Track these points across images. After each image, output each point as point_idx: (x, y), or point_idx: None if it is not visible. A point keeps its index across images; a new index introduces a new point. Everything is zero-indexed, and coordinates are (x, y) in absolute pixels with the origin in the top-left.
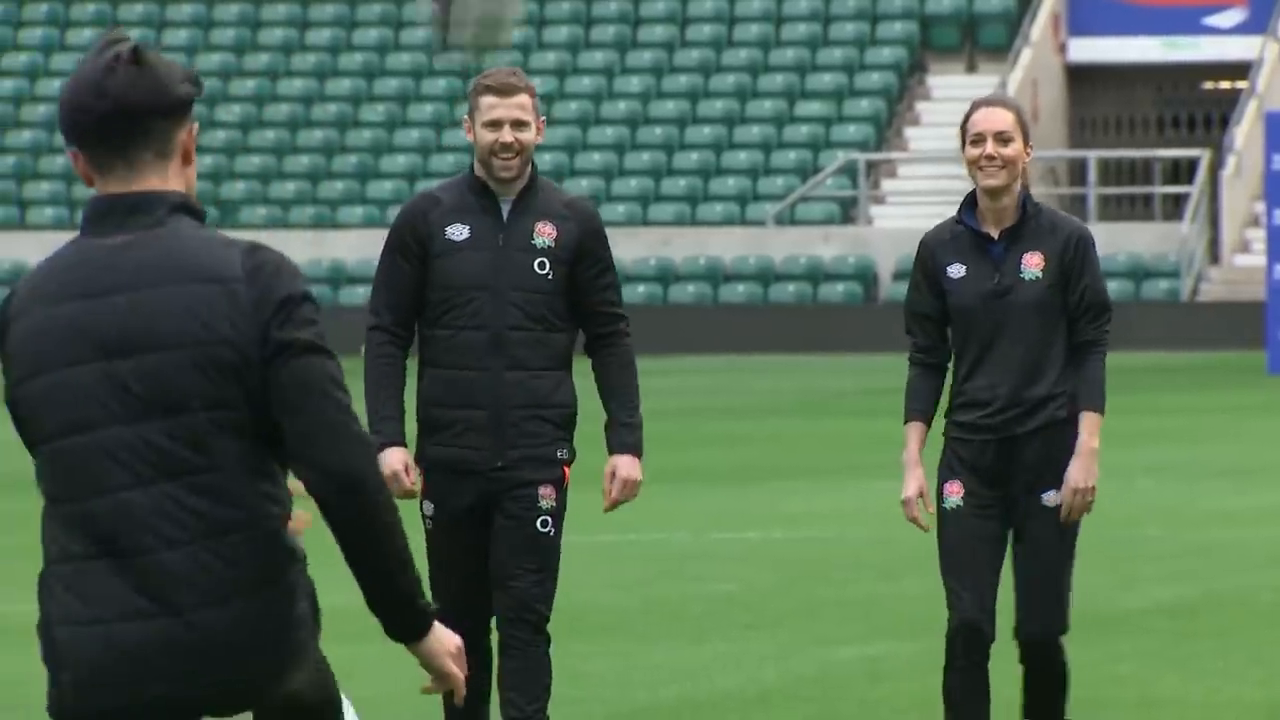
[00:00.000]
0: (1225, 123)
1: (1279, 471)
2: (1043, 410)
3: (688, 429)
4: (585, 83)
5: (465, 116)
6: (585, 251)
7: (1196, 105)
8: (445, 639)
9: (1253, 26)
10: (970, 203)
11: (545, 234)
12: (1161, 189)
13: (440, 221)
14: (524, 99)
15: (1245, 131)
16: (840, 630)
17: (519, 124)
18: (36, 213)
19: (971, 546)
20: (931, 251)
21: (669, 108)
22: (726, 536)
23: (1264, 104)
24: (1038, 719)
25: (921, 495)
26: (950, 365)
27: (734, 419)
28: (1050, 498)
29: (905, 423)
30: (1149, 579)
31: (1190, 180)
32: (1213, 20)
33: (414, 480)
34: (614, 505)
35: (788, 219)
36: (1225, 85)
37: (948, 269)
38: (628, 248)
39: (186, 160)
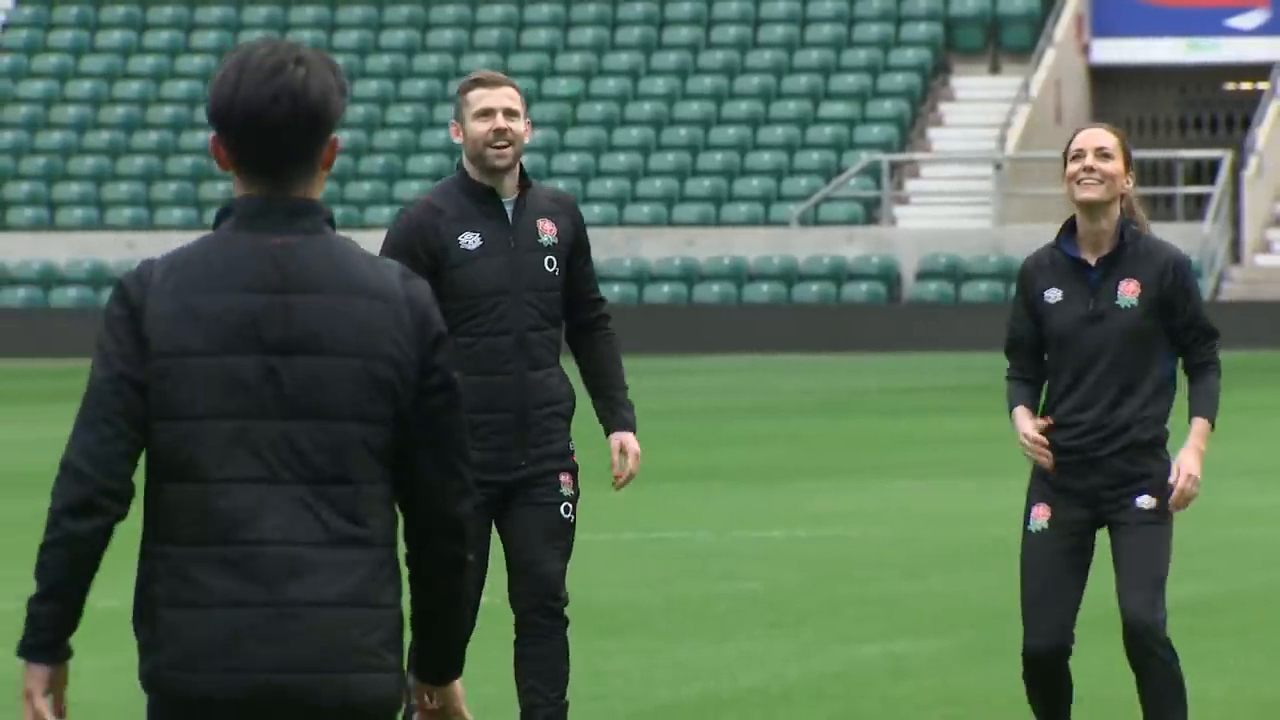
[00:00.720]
0: (1247, 123)
1: None
2: (1125, 433)
3: (711, 428)
4: (610, 84)
5: (452, 120)
6: (578, 243)
7: (1218, 106)
8: (461, 682)
9: (1274, 28)
10: (1069, 228)
11: (548, 231)
12: (1184, 189)
13: (450, 232)
14: (512, 90)
15: (1267, 132)
16: (863, 628)
17: (510, 113)
18: (66, 214)
19: (1053, 572)
20: (1031, 278)
21: (694, 109)
22: (750, 535)
23: None
24: (1154, 709)
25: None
26: (1045, 386)
27: (757, 418)
28: (1145, 501)
29: (1010, 411)
30: (1172, 576)
31: (1212, 180)
32: (1234, 22)
33: None
34: (627, 480)
35: (811, 219)
36: (1247, 86)
37: (1045, 294)
38: (652, 248)
39: (327, 168)
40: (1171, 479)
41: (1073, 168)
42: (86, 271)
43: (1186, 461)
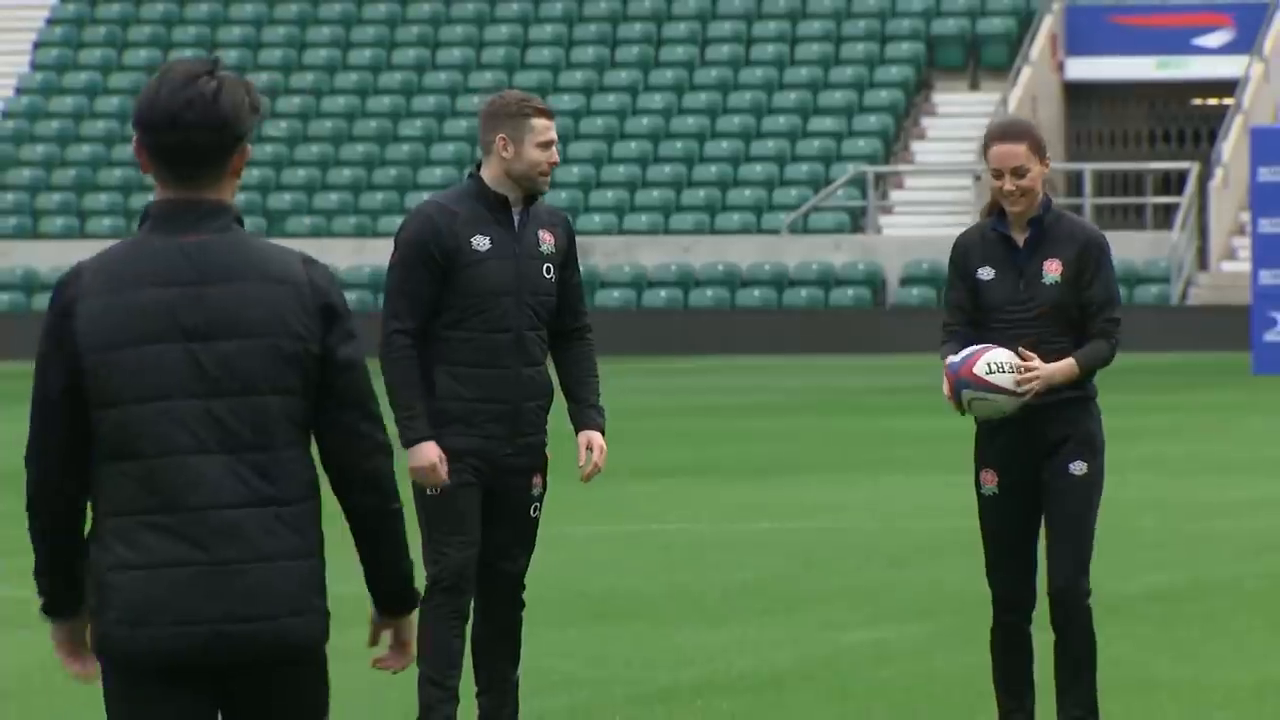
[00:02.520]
0: (1213, 137)
1: (1264, 466)
2: (1057, 392)
3: (706, 426)
4: (611, 99)
5: (501, 133)
6: (569, 256)
7: (1186, 121)
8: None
9: (1239, 46)
10: (1000, 210)
11: (548, 240)
12: (1153, 199)
13: (464, 233)
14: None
15: (1232, 145)
16: (850, 615)
17: (556, 146)
18: (95, 223)
19: (1007, 534)
20: (966, 255)
21: (689, 123)
22: (743, 527)
23: (1249, 119)
24: (1068, 692)
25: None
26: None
27: (750, 416)
28: (1076, 467)
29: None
30: (1142, 567)
31: (1180, 191)
32: (1202, 41)
33: (445, 469)
34: (594, 473)
35: (801, 228)
36: (1213, 102)
37: (978, 271)
38: (650, 255)
39: (236, 176)
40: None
41: (995, 184)
42: None
43: (1039, 364)
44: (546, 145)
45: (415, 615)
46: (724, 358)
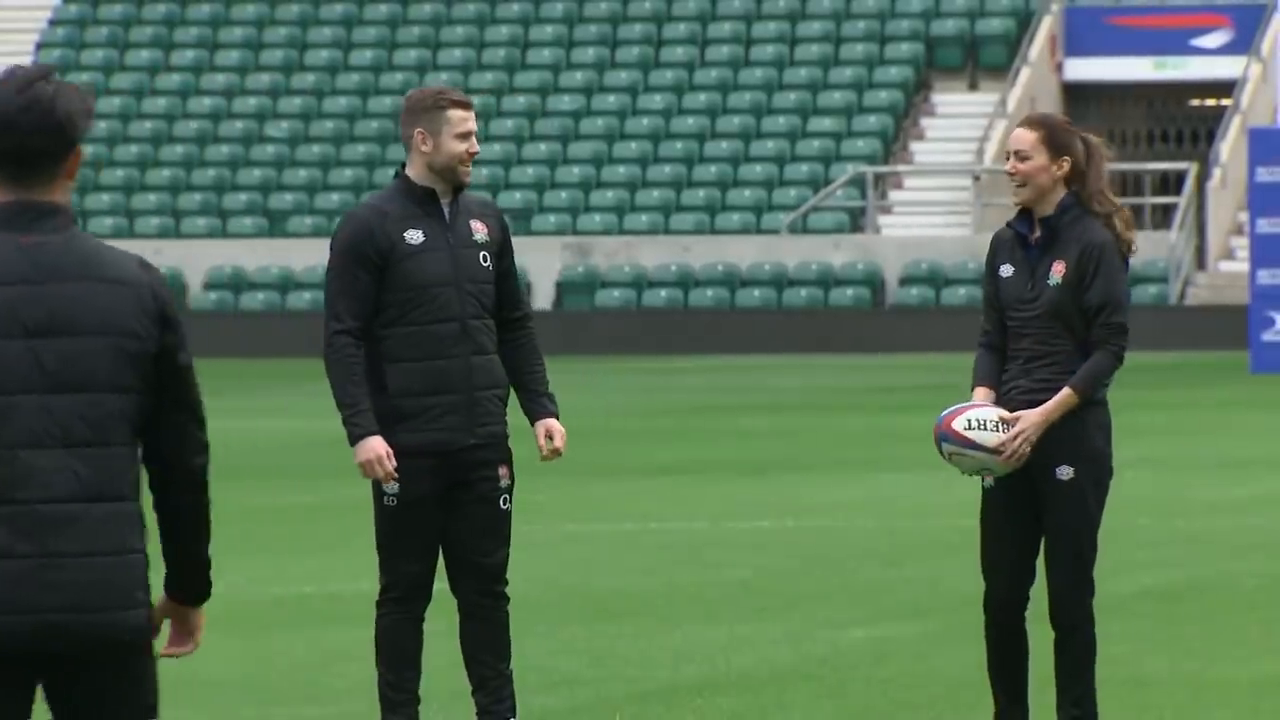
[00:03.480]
0: (1211, 137)
1: (1261, 464)
2: (1049, 395)
3: (706, 424)
4: (611, 100)
5: (418, 128)
6: (504, 245)
7: (1184, 121)
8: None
9: (1237, 47)
10: (1026, 208)
11: (480, 230)
12: (1151, 199)
13: (395, 229)
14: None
15: (1230, 146)
16: (848, 613)
17: (475, 135)
18: (97, 223)
19: (1003, 528)
20: (995, 251)
21: (689, 124)
22: (742, 525)
23: (1247, 120)
24: (1067, 691)
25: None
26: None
27: (749, 415)
28: (1063, 472)
29: (971, 390)
30: (1139, 565)
31: (1178, 191)
32: (1200, 41)
33: (392, 464)
34: (556, 454)
35: (800, 228)
36: (1211, 102)
37: (1000, 268)
38: (650, 254)
39: (70, 178)
40: (1010, 434)
41: (1005, 166)
42: None
43: (1025, 417)
44: (465, 136)
45: (204, 606)
46: (723, 357)
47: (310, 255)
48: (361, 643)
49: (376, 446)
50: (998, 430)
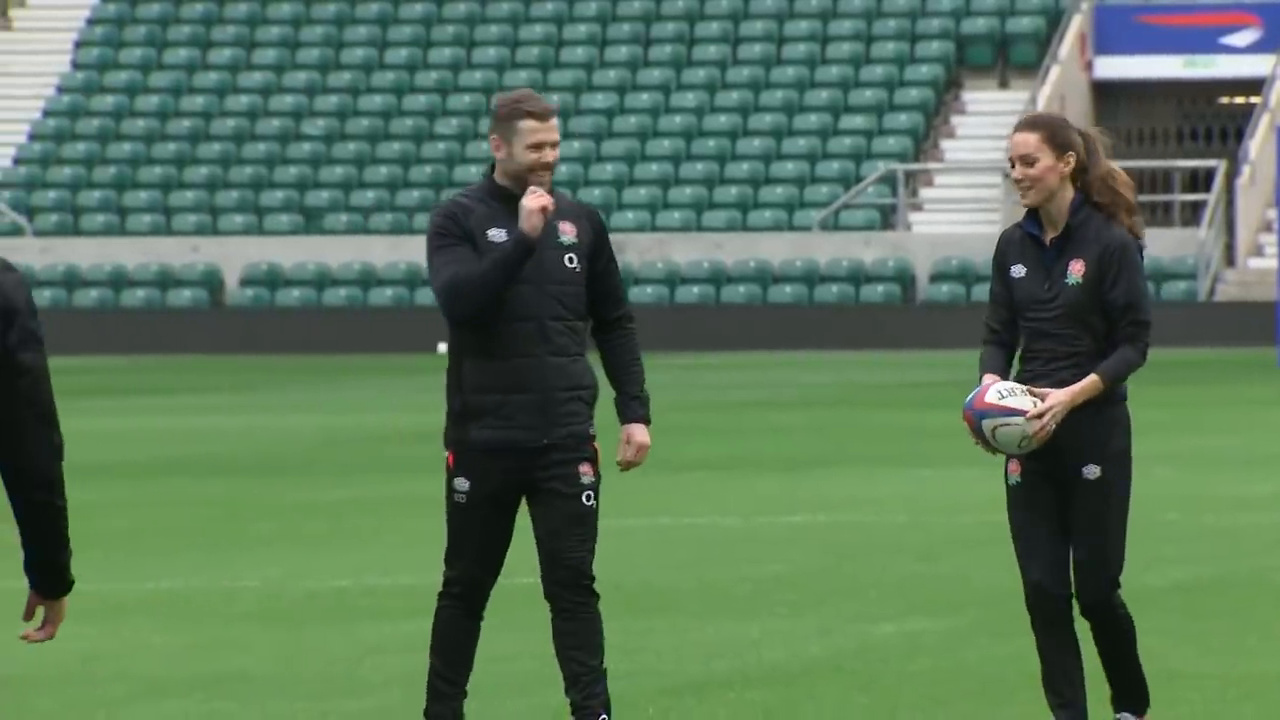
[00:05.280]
0: (1240, 135)
1: None
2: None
3: (738, 420)
4: (644, 98)
5: (493, 134)
6: (598, 245)
7: (1213, 119)
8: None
9: (1266, 45)
10: (1034, 209)
11: (568, 232)
12: (1181, 197)
13: (479, 226)
14: (555, 121)
15: (1259, 143)
16: (880, 608)
17: (554, 145)
18: (135, 220)
19: (1034, 520)
20: (1003, 252)
21: (722, 122)
22: (774, 520)
23: (1276, 118)
24: (1113, 668)
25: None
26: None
27: (781, 411)
28: (1089, 472)
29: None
30: (1168, 560)
31: (1207, 189)
32: (1229, 40)
33: (548, 200)
34: (629, 466)
35: (832, 225)
36: (1240, 100)
37: (1011, 269)
38: (683, 251)
39: None
40: (1040, 408)
41: (1013, 174)
42: (154, 274)
43: (1053, 395)
44: (536, 147)
45: (66, 599)
46: (755, 353)
47: (345, 252)
48: (396, 636)
49: (528, 203)
50: (1028, 396)
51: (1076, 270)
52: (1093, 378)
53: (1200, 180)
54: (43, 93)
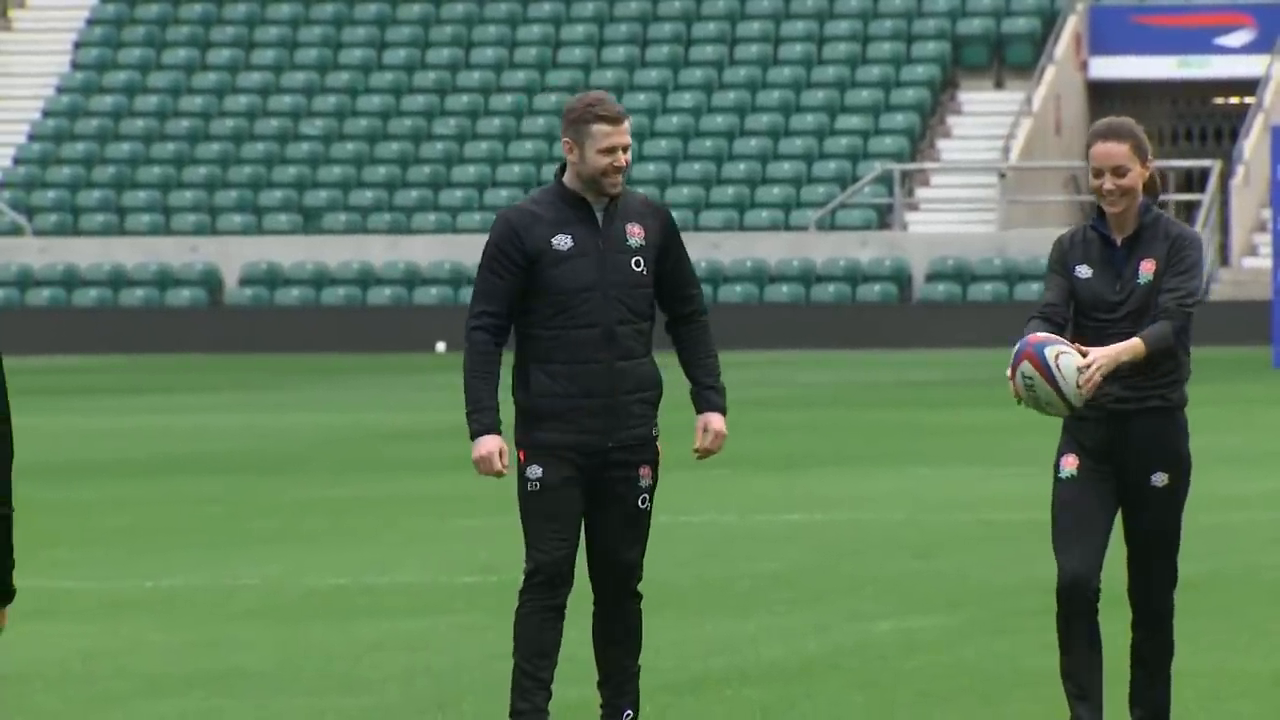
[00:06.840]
0: (1234, 135)
1: None
2: (1152, 394)
3: (735, 419)
4: (641, 99)
5: (566, 137)
6: (666, 244)
7: (1208, 119)
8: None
9: (1260, 46)
10: (1101, 210)
11: (635, 234)
12: (1175, 197)
13: (545, 234)
14: (627, 125)
15: (1253, 144)
16: (877, 605)
17: (626, 148)
18: (134, 219)
19: (1082, 510)
20: (1065, 253)
21: (719, 122)
22: (771, 518)
23: (1270, 118)
24: (1147, 678)
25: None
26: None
27: (778, 410)
28: (1158, 479)
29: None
30: None
31: (1202, 189)
32: (1223, 40)
33: (505, 464)
34: (706, 454)
35: (828, 225)
36: (1234, 101)
37: (1076, 269)
38: None
39: None
40: (1087, 360)
41: (1095, 183)
42: (153, 273)
43: (1096, 352)
44: (609, 151)
45: (8, 609)
46: (752, 352)
47: (344, 251)
48: (395, 634)
49: (490, 445)
50: (1074, 381)
51: (1148, 269)
52: (1135, 340)
53: (1195, 180)
54: (42, 93)
